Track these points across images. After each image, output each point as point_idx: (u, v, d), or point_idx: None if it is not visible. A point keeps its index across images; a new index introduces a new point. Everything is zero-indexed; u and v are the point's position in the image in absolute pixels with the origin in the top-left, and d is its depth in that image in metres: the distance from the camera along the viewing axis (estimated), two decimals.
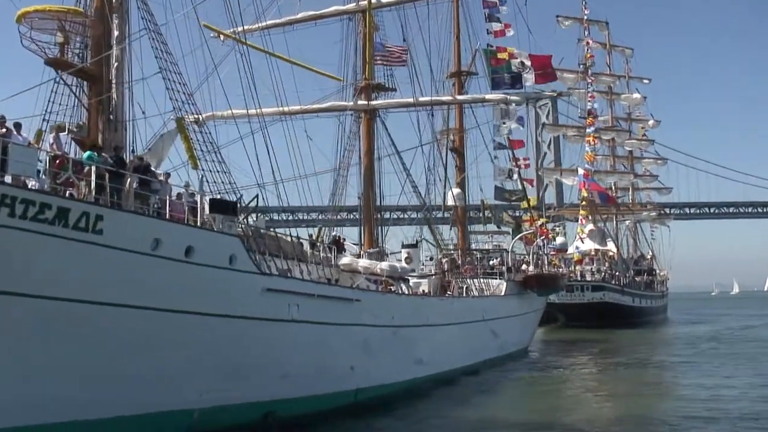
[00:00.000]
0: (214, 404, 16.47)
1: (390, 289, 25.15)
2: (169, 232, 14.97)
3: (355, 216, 34.86)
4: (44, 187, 13.29)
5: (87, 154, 14.40)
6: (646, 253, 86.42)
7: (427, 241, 37.54)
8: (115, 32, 18.17)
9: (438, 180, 38.28)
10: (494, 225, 46.78)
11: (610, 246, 70.13)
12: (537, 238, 43.08)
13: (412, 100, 32.16)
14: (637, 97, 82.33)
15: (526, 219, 49.27)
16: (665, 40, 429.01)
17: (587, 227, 66.24)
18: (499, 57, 38.37)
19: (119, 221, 14.04)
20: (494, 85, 37.00)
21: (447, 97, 35.55)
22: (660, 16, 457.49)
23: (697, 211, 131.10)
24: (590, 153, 66.43)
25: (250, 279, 16.94)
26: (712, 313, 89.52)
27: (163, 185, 15.82)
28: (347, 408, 20.44)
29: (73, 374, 13.67)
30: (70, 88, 17.09)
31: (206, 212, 16.22)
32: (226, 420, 16.60)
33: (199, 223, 16.05)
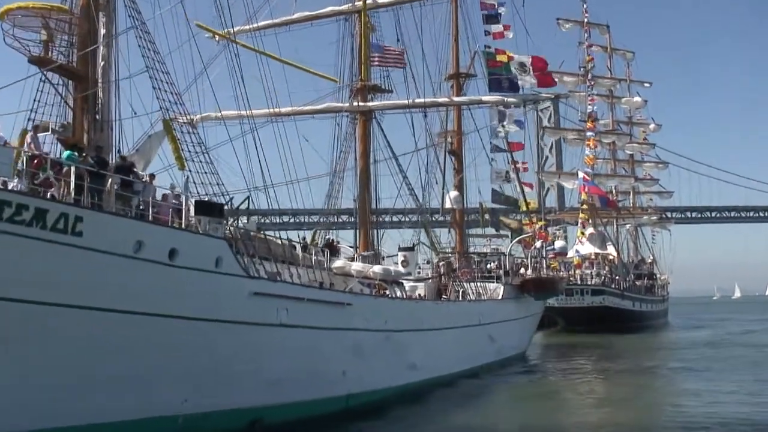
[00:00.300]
0: (199, 410, 16.19)
1: (384, 292, 24.77)
2: (152, 235, 14.64)
3: (351, 219, 34.50)
4: (21, 187, 12.93)
5: (66, 153, 14.06)
6: (647, 257, 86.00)
7: (424, 245, 37.21)
8: (102, 30, 17.94)
9: (435, 183, 38.07)
10: (493, 228, 46.42)
11: (611, 250, 69.68)
12: (535, 242, 42.65)
13: (408, 102, 31.76)
14: (637, 100, 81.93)
15: (525, 222, 48.88)
16: (666, 43, 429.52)
17: (587, 231, 65.83)
18: (498, 59, 38.01)
19: (100, 223, 13.71)
20: (491, 87, 36.64)
21: (443, 99, 35.19)
22: (661, 19, 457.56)
23: (699, 215, 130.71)
24: (590, 156, 65.99)
25: (237, 282, 16.61)
26: (712, 318, 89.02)
27: (146, 186, 15.45)
28: (339, 414, 20.15)
29: (49, 381, 13.31)
30: (54, 87, 16.79)
31: (191, 214, 15.87)
32: (211, 427, 16.30)
33: (184, 225, 15.70)
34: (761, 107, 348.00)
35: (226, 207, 19.64)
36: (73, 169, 13.35)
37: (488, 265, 38.33)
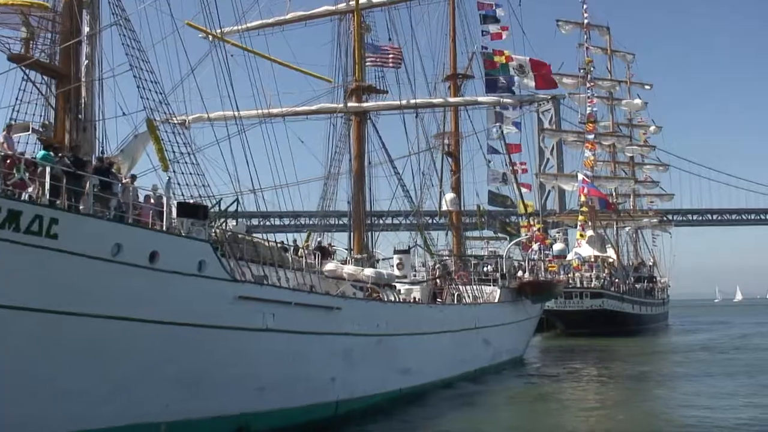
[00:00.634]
0: (182, 417, 15.77)
1: (376, 296, 24.36)
2: (131, 237, 14.23)
3: (346, 221, 34.10)
4: None
5: (41, 153, 13.66)
6: (647, 259, 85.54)
7: (421, 247, 36.74)
8: (86, 28, 17.58)
9: (431, 184, 37.68)
10: (490, 230, 46.00)
11: (610, 252, 69.37)
12: (533, 244, 42.23)
13: (403, 102, 31.32)
14: (637, 102, 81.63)
15: (523, 225, 48.43)
16: (667, 45, 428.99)
17: (587, 233, 65.43)
18: (496, 60, 37.56)
19: (76, 225, 13.31)
20: (488, 88, 36.19)
21: (438, 100, 34.75)
22: (662, 21, 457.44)
23: (700, 218, 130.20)
24: (589, 159, 65.58)
25: (221, 286, 16.20)
26: (713, 321, 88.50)
27: (126, 188, 15.04)
28: (328, 420, 19.78)
29: (23, 389, 12.90)
30: (35, 85, 16.40)
31: (174, 216, 15.46)
32: None
33: (165, 228, 15.29)
34: (763, 109, 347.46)
35: (215, 209, 19.29)
36: (48, 169, 12.93)
37: (485, 268, 37.89)
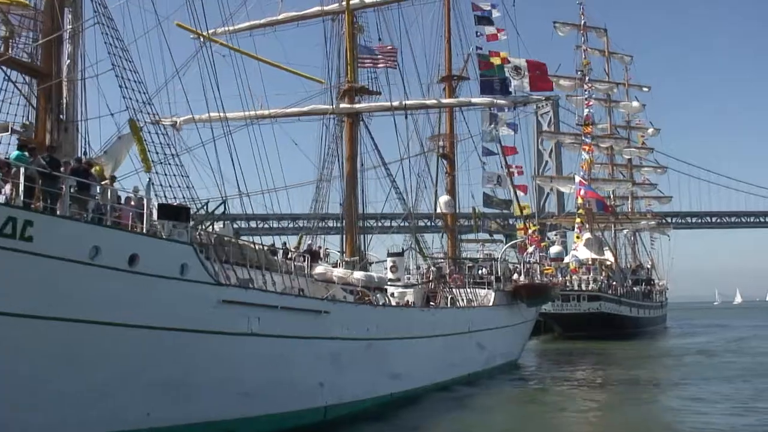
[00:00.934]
0: (165, 424, 15.43)
1: (367, 299, 24.00)
2: (109, 239, 13.90)
3: (339, 224, 33.71)
4: None
5: (15, 154, 13.32)
6: (645, 262, 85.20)
7: (415, 250, 36.36)
8: (68, 27, 17.28)
9: (425, 186, 37.36)
10: (486, 233, 45.66)
11: (608, 255, 69.01)
12: (529, 247, 41.90)
13: (395, 103, 30.97)
14: (635, 105, 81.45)
15: (519, 227, 48.11)
16: (665, 46, 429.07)
17: (584, 236, 65.12)
18: (492, 61, 37.26)
19: (52, 227, 12.98)
20: (483, 90, 35.86)
21: (432, 101, 34.40)
22: (659, 23, 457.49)
23: (699, 221, 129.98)
24: (586, 161, 65.30)
25: (204, 290, 15.88)
26: (711, 324, 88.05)
27: (105, 189, 14.71)
28: (316, 426, 19.45)
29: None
30: (15, 85, 16.10)
31: (154, 218, 15.15)
32: None
33: (145, 230, 14.96)
34: (761, 111, 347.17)
35: (202, 211, 18.96)
36: (23, 170, 12.60)
37: (480, 271, 37.50)
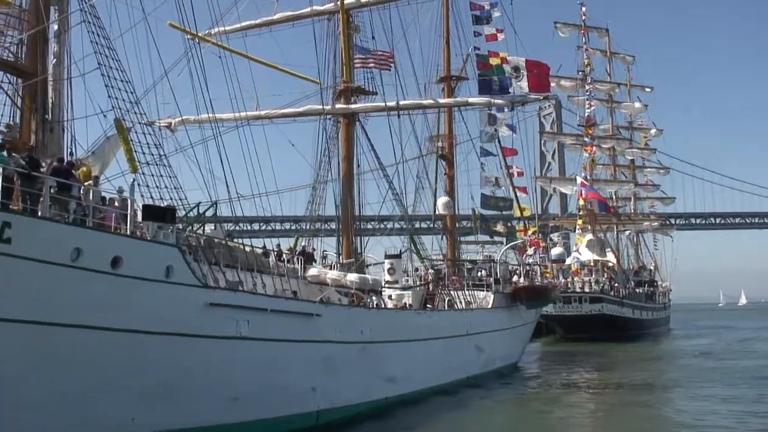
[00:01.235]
0: (150, 430, 15.11)
1: (361, 302, 23.67)
2: (91, 241, 13.62)
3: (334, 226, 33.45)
4: None
5: None
6: (648, 263, 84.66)
7: (413, 252, 36.02)
8: (54, 26, 17.07)
9: (424, 188, 37.07)
10: (486, 235, 45.24)
11: (610, 256, 68.53)
12: (528, 248, 41.51)
13: (391, 104, 30.62)
14: (638, 105, 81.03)
15: (519, 229, 47.69)
16: (665, 45, 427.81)
17: (586, 237, 64.70)
18: (491, 61, 36.90)
19: (31, 229, 12.71)
20: (481, 90, 35.50)
21: (428, 101, 34.08)
22: (661, 23, 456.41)
23: (703, 222, 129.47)
24: (588, 162, 64.87)
25: (190, 293, 15.59)
26: (715, 325, 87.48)
27: (87, 190, 14.43)
28: (309, 430, 19.16)
29: None
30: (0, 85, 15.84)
31: (138, 219, 14.86)
32: None
33: (129, 232, 14.67)
34: (764, 111, 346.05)
35: (192, 213, 18.70)
36: (0, 170, 12.34)
37: (479, 273, 37.13)
